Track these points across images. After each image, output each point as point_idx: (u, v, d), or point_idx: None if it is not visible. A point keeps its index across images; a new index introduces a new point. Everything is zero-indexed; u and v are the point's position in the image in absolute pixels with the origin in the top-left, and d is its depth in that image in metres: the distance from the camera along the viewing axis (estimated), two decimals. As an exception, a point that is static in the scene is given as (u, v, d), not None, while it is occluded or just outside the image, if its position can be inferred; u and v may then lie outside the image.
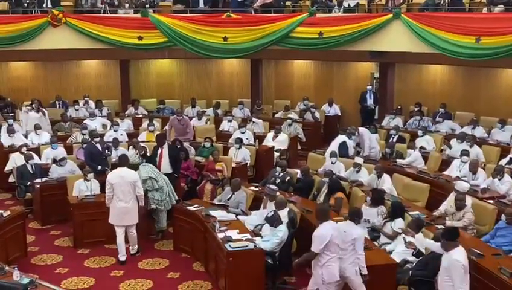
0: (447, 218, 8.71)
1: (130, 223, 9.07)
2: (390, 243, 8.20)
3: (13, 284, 6.23)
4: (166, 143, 10.74)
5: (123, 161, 9.22)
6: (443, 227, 7.87)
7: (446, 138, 13.46)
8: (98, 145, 11.60)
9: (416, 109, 15.39)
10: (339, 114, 17.22)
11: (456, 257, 6.17)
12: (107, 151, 11.72)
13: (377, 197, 9.01)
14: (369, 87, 16.68)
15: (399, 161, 11.89)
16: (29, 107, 14.32)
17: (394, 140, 13.38)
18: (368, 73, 17.71)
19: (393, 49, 14.05)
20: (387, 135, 14.08)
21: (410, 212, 8.73)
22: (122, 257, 9.06)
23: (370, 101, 16.46)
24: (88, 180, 10.34)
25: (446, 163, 11.64)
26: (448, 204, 8.98)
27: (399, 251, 7.77)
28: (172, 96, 18.58)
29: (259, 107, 16.94)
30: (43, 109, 14.54)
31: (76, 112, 16.16)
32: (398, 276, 7.21)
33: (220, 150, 12.71)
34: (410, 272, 7.23)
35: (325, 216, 6.84)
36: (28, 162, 11.28)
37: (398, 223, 8.34)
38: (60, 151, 12.03)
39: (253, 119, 15.24)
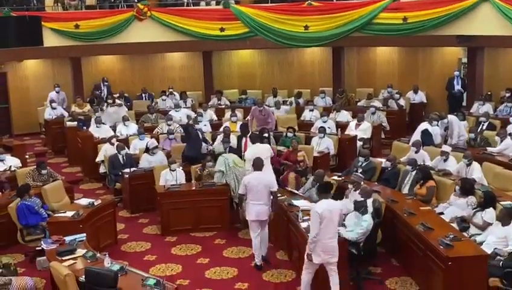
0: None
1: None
2: (480, 234, 7.88)
3: (105, 270, 6.41)
4: (250, 132, 10.76)
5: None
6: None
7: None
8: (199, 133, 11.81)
9: (507, 95, 14.67)
10: (425, 101, 16.71)
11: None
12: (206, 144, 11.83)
13: (467, 186, 8.69)
14: (457, 72, 16.06)
15: (489, 149, 11.39)
16: (110, 101, 14.85)
17: (484, 127, 12.81)
18: (455, 58, 17.06)
19: (483, 32, 13.49)
20: (477, 122, 13.52)
21: (501, 202, 8.35)
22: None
23: (458, 87, 15.86)
24: (173, 170, 10.52)
25: (540, 151, 11.03)
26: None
27: (490, 242, 7.48)
28: (254, 86, 18.69)
29: (341, 95, 16.69)
30: (119, 101, 15.01)
31: (163, 103, 16.48)
32: (490, 268, 6.92)
33: (302, 140, 12.65)
34: (502, 263, 6.93)
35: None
36: (119, 153, 11.61)
37: (489, 213, 8.01)
38: (148, 141, 12.16)
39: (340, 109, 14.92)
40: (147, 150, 11.63)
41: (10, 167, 11.22)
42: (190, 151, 11.40)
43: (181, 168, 10.79)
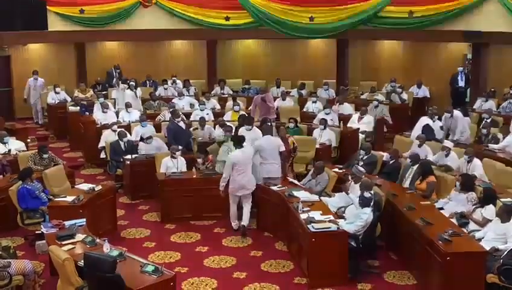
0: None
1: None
2: (479, 230, 7.87)
3: (103, 256, 6.40)
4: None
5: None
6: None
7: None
8: (182, 124, 11.79)
9: (511, 92, 14.64)
10: (428, 96, 16.68)
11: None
12: (190, 129, 11.86)
13: (467, 182, 8.66)
14: (461, 68, 16.03)
15: (491, 146, 11.37)
16: (126, 85, 14.76)
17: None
18: (459, 54, 17.02)
19: (489, 29, 13.44)
20: (479, 119, 13.49)
21: (502, 199, 8.33)
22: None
23: (461, 83, 15.82)
24: (175, 158, 10.51)
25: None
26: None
27: (489, 239, 7.46)
28: (257, 76, 18.66)
29: (346, 88, 16.66)
30: (137, 90, 14.93)
31: (165, 91, 16.49)
32: (488, 264, 6.93)
33: (304, 131, 12.64)
34: (501, 260, 6.93)
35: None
36: (121, 140, 11.61)
37: (489, 210, 8.00)
38: (149, 129, 12.28)
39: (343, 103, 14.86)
40: (141, 139, 11.69)
41: (10, 150, 11.19)
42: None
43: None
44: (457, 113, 12.18)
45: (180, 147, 10.89)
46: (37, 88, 15.94)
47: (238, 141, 9.40)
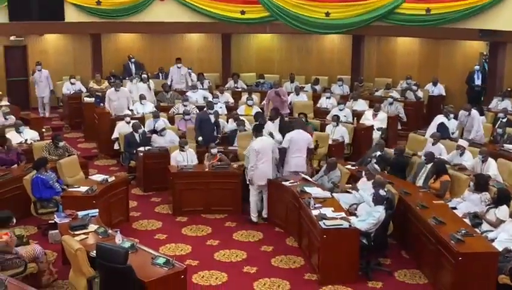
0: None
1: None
2: (492, 231, 7.82)
3: (115, 247, 6.41)
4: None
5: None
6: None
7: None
8: (212, 117, 11.82)
9: (527, 92, 14.50)
10: (444, 94, 16.53)
11: None
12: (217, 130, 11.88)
13: (481, 182, 8.61)
14: (477, 67, 15.88)
15: (506, 146, 11.25)
16: (138, 78, 14.80)
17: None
18: (476, 52, 16.84)
19: (506, 28, 13.25)
20: (495, 118, 13.36)
21: (516, 200, 8.25)
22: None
23: (478, 82, 15.66)
24: (184, 151, 10.46)
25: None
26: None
27: (501, 239, 7.41)
28: (271, 71, 18.61)
29: (360, 84, 16.57)
30: (150, 82, 14.93)
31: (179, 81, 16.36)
32: (500, 265, 6.89)
33: (317, 127, 12.60)
34: (513, 261, 6.88)
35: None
36: (136, 132, 11.59)
37: (503, 211, 7.93)
38: (161, 122, 12.25)
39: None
40: (155, 131, 11.65)
41: (26, 140, 11.30)
42: (203, 138, 11.49)
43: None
44: (474, 112, 12.05)
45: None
46: (43, 79, 15.88)
47: (258, 130, 9.68)
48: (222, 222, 9.68)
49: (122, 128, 12.14)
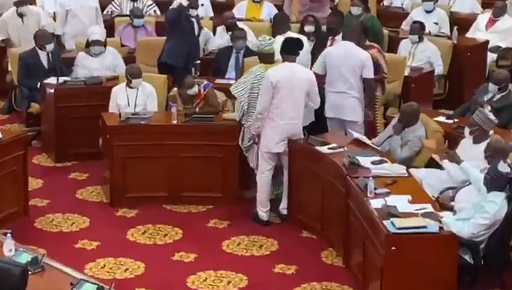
0: None
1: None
2: None
3: (4, 263, 4.28)
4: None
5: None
6: None
7: None
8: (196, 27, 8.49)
9: None
10: None
11: None
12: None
13: None
14: None
15: None
16: None
17: None
18: None
19: None
20: None
21: None
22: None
23: None
24: (132, 88, 7.23)
25: None
26: None
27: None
28: None
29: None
30: None
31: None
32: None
33: (383, 42, 8.94)
34: None
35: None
36: (42, 47, 7.97)
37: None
38: (95, 28, 8.73)
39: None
40: (87, 45, 8.23)
41: None
42: (174, 57, 7.88)
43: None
44: None
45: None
46: None
47: (293, 48, 6.44)
48: (203, 219, 6.80)
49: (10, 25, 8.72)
